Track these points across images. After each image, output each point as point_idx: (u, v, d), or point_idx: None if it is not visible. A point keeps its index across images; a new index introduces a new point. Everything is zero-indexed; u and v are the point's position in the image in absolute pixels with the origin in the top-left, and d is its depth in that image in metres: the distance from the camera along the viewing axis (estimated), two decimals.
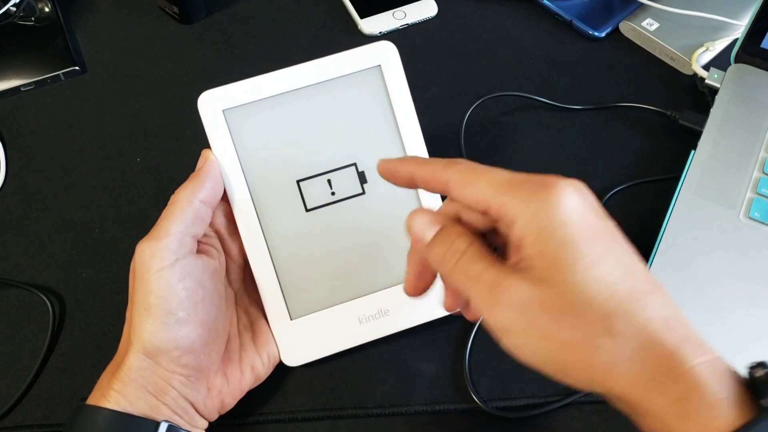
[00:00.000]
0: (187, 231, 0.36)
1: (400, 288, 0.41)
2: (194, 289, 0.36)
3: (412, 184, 0.33)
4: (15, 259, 0.47)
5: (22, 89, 0.55)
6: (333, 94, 0.40)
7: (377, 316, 0.41)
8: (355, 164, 0.41)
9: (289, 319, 0.40)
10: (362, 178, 0.41)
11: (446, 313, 0.42)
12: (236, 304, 0.40)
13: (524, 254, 0.27)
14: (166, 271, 0.35)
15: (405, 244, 0.41)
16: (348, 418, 0.40)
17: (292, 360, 0.41)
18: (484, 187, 0.29)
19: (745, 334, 0.39)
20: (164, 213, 0.37)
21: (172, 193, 0.38)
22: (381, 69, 0.40)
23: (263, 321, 0.41)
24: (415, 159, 0.32)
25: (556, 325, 0.26)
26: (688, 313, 0.40)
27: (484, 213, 0.29)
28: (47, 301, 0.44)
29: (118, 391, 0.34)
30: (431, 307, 0.42)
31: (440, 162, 0.31)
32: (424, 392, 0.41)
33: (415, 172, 0.32)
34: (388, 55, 0.40)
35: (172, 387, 0.35)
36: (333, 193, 0.41)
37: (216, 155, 0.39)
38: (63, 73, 0.56)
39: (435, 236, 0.30)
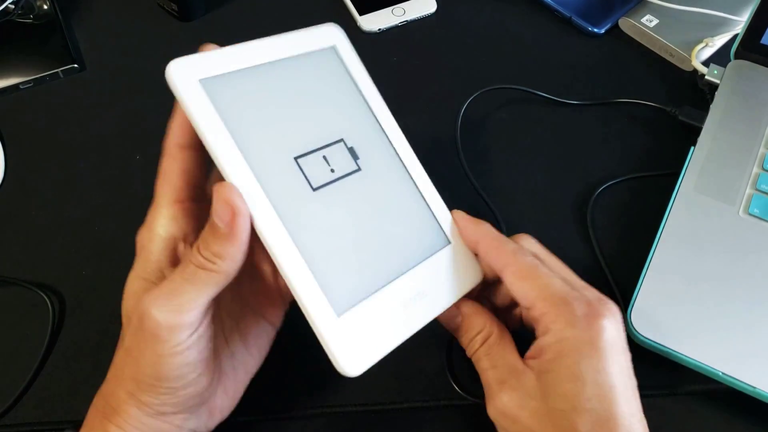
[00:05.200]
0: (210, 298, 0.32)
1: (427, 264, 0.37)
2: (205, 345, 0.32)
3: (473, 246, 0.36)
4: (14, 256, 0.47)
5: (21, 87, 0.55)
6: (300, 72, 0.37)
7: (416, 298, 0.36)
8: (342, 140, 0.38)
9: (335, 316, 0.33)
10: (353, 153, 0.38)
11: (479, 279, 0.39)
12: (217, 311, 0.36)
13: (540, 366, 0.32)
14: (182, 346, 0.31)
15: (414, 217, 0.39)
16: (347, 414, 0.40)
17: (354, 367, 0.32)
18: (537, 290, 0.32)
19: (744, 331, 0.39)
20: (187, 274, 0.31)
21: None
22: (336, 49, 0.39)
23: (248, 317, 0.37)
24: (488, 230, 0.35)
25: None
26: (687, 309, 0.41)
27: (526, 308, 0.33)
28: (46, 299, 0.44)
29: None
30: (464, 278, 0.37)
31: (509, 245, 0.34)
32: (424, 388, 0.41)
33: (482, 241, 0.35)
34: (338, 36, 0.39)
35: (176, 426, 0.33)
36: (332, 171, 0.36)
37: (204, 133, 0.33)
38: (62, 71, 0.56)
39: (464, 321, 0.36)
